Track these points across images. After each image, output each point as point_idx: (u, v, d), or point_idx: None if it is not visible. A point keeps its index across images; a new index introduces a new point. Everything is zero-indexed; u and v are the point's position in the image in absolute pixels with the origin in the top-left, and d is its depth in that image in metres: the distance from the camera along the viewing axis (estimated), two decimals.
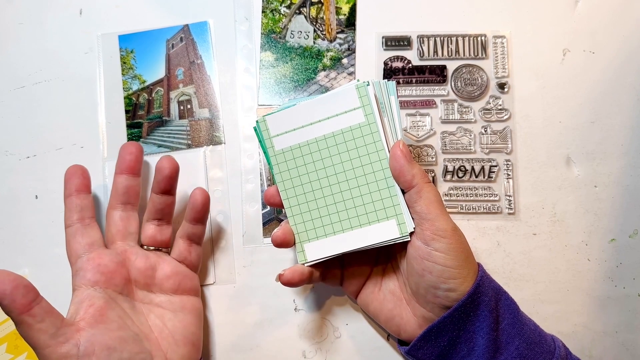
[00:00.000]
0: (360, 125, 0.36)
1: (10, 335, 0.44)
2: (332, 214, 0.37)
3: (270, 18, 0.47)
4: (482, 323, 0.35)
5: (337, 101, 0.37)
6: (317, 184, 0.37)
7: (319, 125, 0.37)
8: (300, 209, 0.38)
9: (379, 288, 0.40)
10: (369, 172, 0.36)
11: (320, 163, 0.37)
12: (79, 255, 0.37)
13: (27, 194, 0.46)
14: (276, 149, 0.38)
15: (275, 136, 0.38)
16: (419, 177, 0.35)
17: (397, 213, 0.36)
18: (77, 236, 0.38)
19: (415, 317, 0.38)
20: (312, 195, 0.37)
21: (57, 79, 0.47)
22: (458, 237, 0.35)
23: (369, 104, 0.36)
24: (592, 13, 0.46)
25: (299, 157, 0.37)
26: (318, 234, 0.37)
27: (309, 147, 0.37)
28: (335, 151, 0.37)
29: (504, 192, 0.44)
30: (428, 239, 0.34)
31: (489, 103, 0.45)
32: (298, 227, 0.38)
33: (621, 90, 0.45)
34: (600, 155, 0.44)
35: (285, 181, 0.38)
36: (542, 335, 0.36)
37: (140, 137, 0.46)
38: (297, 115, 0.37)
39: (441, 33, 0.46)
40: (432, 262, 0.34)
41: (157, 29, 0.47)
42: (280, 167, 0.38)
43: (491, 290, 0.36)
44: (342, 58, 0.46)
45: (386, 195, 0.36)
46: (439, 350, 0.36)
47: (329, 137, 0.37)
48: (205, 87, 0.46)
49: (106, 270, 0.37)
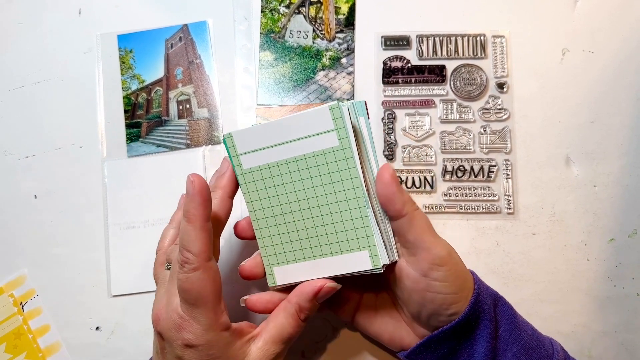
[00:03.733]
0: (333, 150, 0.34)
1: (9, 335, 0.44)
2: (302, 239, 0.35)
3: (270, 18, 0.47)
4: (482, 331, 0.34)
5: (309, 122, 0.34)
6: (287, 207, 0.35)
7: (289, 146, 0.34)
8: (269, 232, 0.36)
9: (374, 313, 0.38)
10: (341, 199, 0.34)
11: (291, 186, 0.35)
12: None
13: (27, 194, 0.46)
14: (244, 168, 0.35)
15: (242, 154, 0.35)
16: (409, 204, 0.34)
17: (370, 245, 0.34)
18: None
19: (417, 336, 0.37)
20: (282, 219, 0.35)
21: (56, 78, 0.47)
22: (454, 261, 0.34)
23: (343, 127, 0.33)
24: (592, 13, 0.46)
25: (268, 177, 0.35)
26: (288, 258, 0.36)
27: (278, 169, 0.35)
28: (306, 175, 0.34)
29: (503, 191, 0.44)
30: (426, 270, 0.33)
31: (488, 103, 0.45)
32: (267, 249, 0.36)
33: (620, 90, 0.45)
34: (599, 155, 0.44)
35: (254, 202, 0.36)
36: (540, 340, 0.36)
37: (139, 137, 0.46)
38: (267, 133, 0.35)
39: (440, 33, 0.46)
40: (433, 293, 0.33)
41: (156, 28, 0.47)
42: (248, 186, 0.36)
43: (489, 298, 0.35)
44: (341, 58, 0.46)
45: (359, 225, 0.34)
46: (438, 357, 0.36)
47: (299, 160, 0.34)
48: (204, 86, 0.46)
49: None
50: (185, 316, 0.31)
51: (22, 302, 0.44)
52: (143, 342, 0.43)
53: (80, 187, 0.45)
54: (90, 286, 0.44)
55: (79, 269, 0.45)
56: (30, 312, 0.44)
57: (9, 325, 0.44)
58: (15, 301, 0.44)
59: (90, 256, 0.45)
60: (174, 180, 0.45)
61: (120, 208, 0.45)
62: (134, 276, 0.44)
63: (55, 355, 0.43)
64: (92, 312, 0.44)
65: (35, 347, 0.44)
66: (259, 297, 0.36)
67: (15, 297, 0.44)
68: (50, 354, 0.43)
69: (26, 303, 0.44)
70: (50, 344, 0.44)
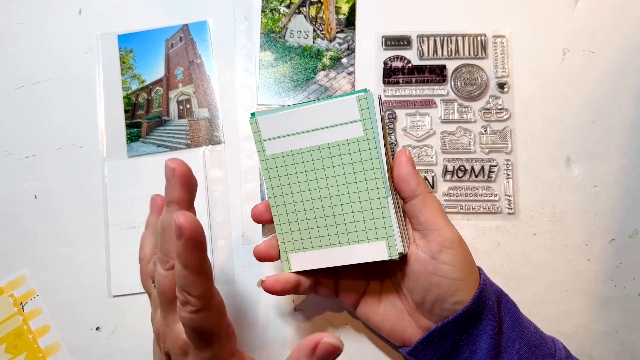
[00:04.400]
0: (358, 140, 0.34)
1: (9, 335, 0.44)
2: (320, 227, 0.36)
3: (270, 18, 0.47)
4: (485, 327, 0.35)
5: (335, 111, 0.35)
6: (307, 194, 0.36)
7: (314, 134, 0.35)
8: (288, 218, 0.36)
9: (378, 302, 0.39)
10: (362, 189, 0.35)
11: (313, 174, 0.36)
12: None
13: (27, 194, 0.46)
14: (267, 154, 0.36)
15: (267, 140, 0.36)
16: (423, 185, 0.34)
17: (389, 235, 0.34)
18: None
19: (419, 328, 0.37)
20: (301, 206, 0.36)
21: (56, 78, 0.47)
22: (463, 247, 0.34)
23: (369, 118, 0.34)
24: (592, 13, 0.46)
25: (291, 164, 0.36)
26: (305, 245, 0.36)
27: (301, 156, 0.35)
28: (329, 163, 0.35)
29: (503, 192, 0.44)
30: (435, 251, 0.34)
31: (489, 103, 0.45)
32: (285, 236, 0.36)
33: (621, 90, 0.45)
34: (600, 155, 0.44)
35: (274, 188, 0.36)
36: (542, 338, 0.36)
37: (139, 137, 0.46)
38: (291, 120, 0.35)
39: (441, 33, 0.46)
40: (440, 277, 0.34)
41: (157, 28, 0.47)
42: (270, 172, 0.36)
43: (493, 294, 0.35)
44: (341, 58, 0.46)
45: (378, 216, 0.35)
46: (442, 352, 0.35)
47: (323, 148, 0.35)
48: (204, 86, 0.46)
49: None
50: (192, 345, 0.30)
51: (23, 302, 0.44)
52: (143, 343, 0.43)
53: (80, 187, 0.45)
54: (90, 286, 0.44)
55: (80, 269, 0.45)
56: (31, 312, 0.44)
57: (9, 326, 0.44)
58: (15, 301, 0.44)
59: (90, 256, 0.45)
60: None
61: (121, 208, 0.45)
62: (134, 276, 0.44)
63: (55, 356, 0.43)
64: (92, 312, 0.44)
65: (35, 348, 0.43)
66: (277, 278, 0.36)
67: (16, 297, 0.44)
68: (50, 354, 0.43)
69: (26, 303, 0.44)
70: (51, 344, 0.44)
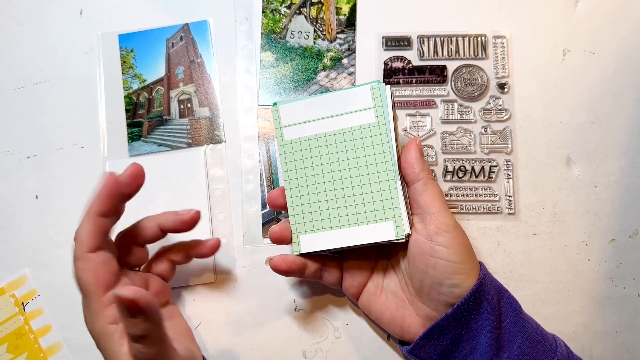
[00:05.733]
0: (370, 126, 0.37)
1: (11, 335, 0.44)
2: (331, 209, 0.38)
3: (271, 18, 0.47)
4: (484, 321, 0.35)
5: (350, 99, 0.38)
6: (320, 177, 0.38)
7: (329, 121, 0.38)
8: (301, 200, 0.38)
9: (380, 290, 0.40)
10: (372, 172, 0.37)
11: (327, 158, 0.38)
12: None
13: (28, 194, 0.46)
14: (285, 139, 0.39)
15: (286, 126, 0.39)
16: (426, 171, 0.36)
17: (396, 215, 0.36)
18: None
19: (418, 317, 0.38)
20: (314, 189, 0.38)
21: (57, 78, 0.47)
22: (460, 232, 0.36)
23: (381, 105, 0.37)
24: (592, 13, 0.46)
25: (307, 149, 0.38)
26: (315, 227, 0.38)
27: (317, 141, 0.38)
28: (342, 148, 0.38)
29: (504, 192, 0.44)
30: (432, 234, 0.35)
31: (489, 103, 0.45)
32: (297, 217, 0.38)
33: (621, 90, 0.45)
34: (600, 155, 0.44)
35: (290, 171, 0.38)
36: (544, 334, 0.36)
37: (140, 136, 0.46)
38: (310, 108, 0.38)
39: (441, 33, 0.46)
40: (436, 258, 0.35)
41: (157, 28, 0.47)
42: (287, 157, 0.39)
43: (493, 289, 0.36)
44: (342, 58, 0.46)
45: (387, 197, 0.37)
46: (442, 349, 0.36)
47: (338, 134, 0.38)
48: (205, 86, 0.46)
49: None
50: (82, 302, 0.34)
51: (24, 303, 0.44)
52: None
53: (81, 187, 0.45)
54: None
55: None
56: (32, 313, 0.44)
57: (10, 326, 0.44)
58: (16, 301, 0.44)
59: None
60: (176, 179, 0.45)
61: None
62: None
63: (56, 356, 0.43)
64: None
65: (36, 348, 0.44)
66: (284, 257, 0.38)
67: (17, 298, 0.44)
68: (51, 354, 0.43)
69: (27, 303, 0.44)
70: (52, 344, 0.44)
